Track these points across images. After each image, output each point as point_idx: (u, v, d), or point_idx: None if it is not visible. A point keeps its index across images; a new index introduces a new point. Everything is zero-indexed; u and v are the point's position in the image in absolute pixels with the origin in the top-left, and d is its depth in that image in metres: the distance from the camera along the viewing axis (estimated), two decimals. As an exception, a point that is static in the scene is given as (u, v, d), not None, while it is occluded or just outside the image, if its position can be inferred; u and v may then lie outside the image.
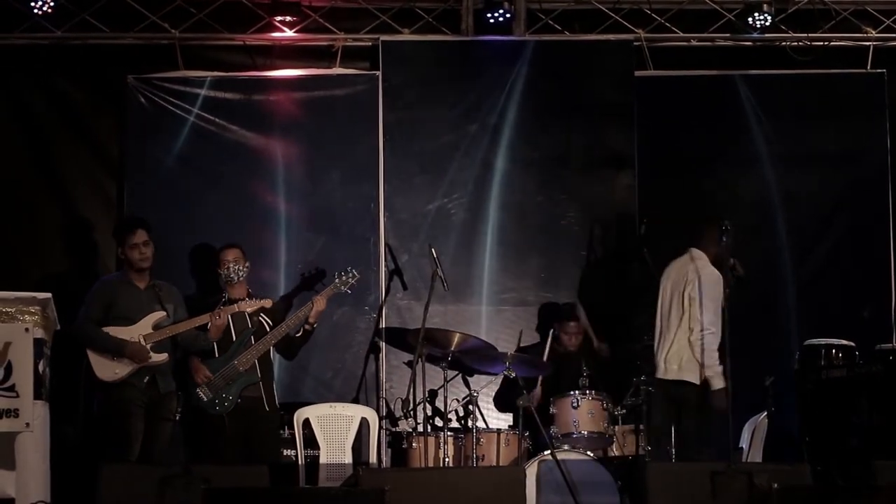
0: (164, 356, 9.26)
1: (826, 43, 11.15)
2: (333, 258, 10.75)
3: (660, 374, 9.41)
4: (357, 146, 11.02)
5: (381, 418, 10.16)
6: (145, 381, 9.22)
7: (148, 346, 9.14)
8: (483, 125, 11.01)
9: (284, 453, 9.92)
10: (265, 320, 9.78)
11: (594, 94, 11.09)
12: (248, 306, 9.53)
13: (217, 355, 9.64)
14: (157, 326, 9.30)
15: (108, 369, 9.20)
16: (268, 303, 9.60)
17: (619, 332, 10.52)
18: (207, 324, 9.40)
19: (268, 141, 11.03)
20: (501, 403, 10.46)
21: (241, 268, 9.71)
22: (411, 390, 9.61)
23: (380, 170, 10.94)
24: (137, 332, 9.19)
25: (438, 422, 9.78)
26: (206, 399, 9.52)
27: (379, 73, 11.02)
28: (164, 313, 9.32)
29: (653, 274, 10.03)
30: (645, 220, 10.35)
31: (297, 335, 9.80)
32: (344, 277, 9.86)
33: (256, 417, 9.61)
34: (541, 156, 11.05)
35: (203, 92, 10.92)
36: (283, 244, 10.84)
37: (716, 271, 9.36)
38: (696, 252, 9.54)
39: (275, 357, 10.00)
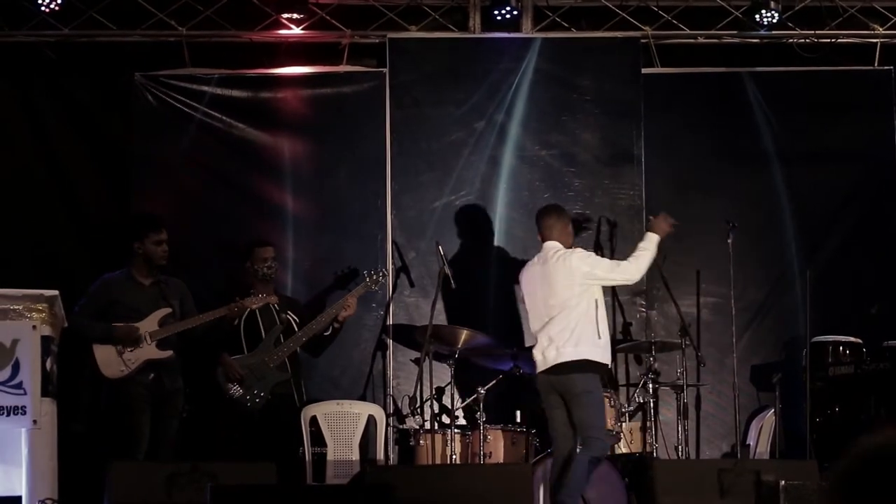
0: (168, 352, 9.27)
1: (833, 40, 11.14)
2: (341, 255, 10.77)
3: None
4: (364, 143, 10.98)
5: (388, 415, 10.16)
6: (150, 377, 9.22)
7: (153, 343, 9.14)
8: (490, 122, 10.99)
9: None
10: (293, 318, 9.85)
11: (601, 92, 11.08)
12: (255, 303, 9.53)
13: (246, 352, 9.66)
14: (162, 323, 9.29)
15: (112, 366, 9.18)
16: (273, 299, 9.61)
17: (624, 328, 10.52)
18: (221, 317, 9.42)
19: (275, 138, 10.98)
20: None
21: (274, 265, 9.84)
22: (418, 387, 9.62)
23: (387, 167, 10.90)
24: (143, 329, 9.20)
25: (446, 419, 9.74)
26: (237, 395, 9.55)
27: (386, 70, 10.99)
28: (170, 309, 9.33)
29: (660, 271, 10.01)
30: (651, 217, 10.34)
31: (326, 334, 9.87)
32: (374, 276, 9.99)
33: (288, 413, 9.66)
34: (548, 153, 11.03)
35: (210, 89, 10.90)
36: (290, 241, 10.76)
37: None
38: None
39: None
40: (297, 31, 11.05)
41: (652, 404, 9.60)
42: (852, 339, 9.83)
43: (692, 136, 11.13)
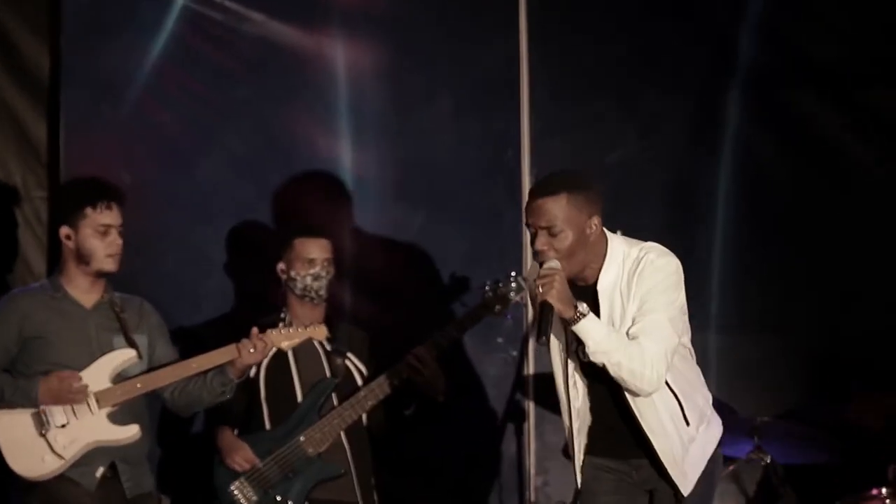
0: (133, 430, 6.49)
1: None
2: (435, 237, 7.71)
3: None
4: (487, 57, 7.77)
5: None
6: (98, 474, 6.43)
7: (102, 412, 6.40)
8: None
9: None
10: (355, 365, 7.02)
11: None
12: (287, 338, 6.48)
13: (268, 425, 6.94)
14: (120, 375, 6.47)
15: (30, 457, 6.43)
16: (320, 332, 6.62)
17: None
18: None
19: (320, 40, 7.70)
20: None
21: (330, 272, 7.00)
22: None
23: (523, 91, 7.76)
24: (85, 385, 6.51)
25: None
26: (240, 501, 6.90)
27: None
28: (133, 352, 6.55)
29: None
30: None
31: (408, 411, 7.42)
32: (503, 288, 6.88)
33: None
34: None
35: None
36: (348, 222, 7.54)
37: None
38: None
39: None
40: None
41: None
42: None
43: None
